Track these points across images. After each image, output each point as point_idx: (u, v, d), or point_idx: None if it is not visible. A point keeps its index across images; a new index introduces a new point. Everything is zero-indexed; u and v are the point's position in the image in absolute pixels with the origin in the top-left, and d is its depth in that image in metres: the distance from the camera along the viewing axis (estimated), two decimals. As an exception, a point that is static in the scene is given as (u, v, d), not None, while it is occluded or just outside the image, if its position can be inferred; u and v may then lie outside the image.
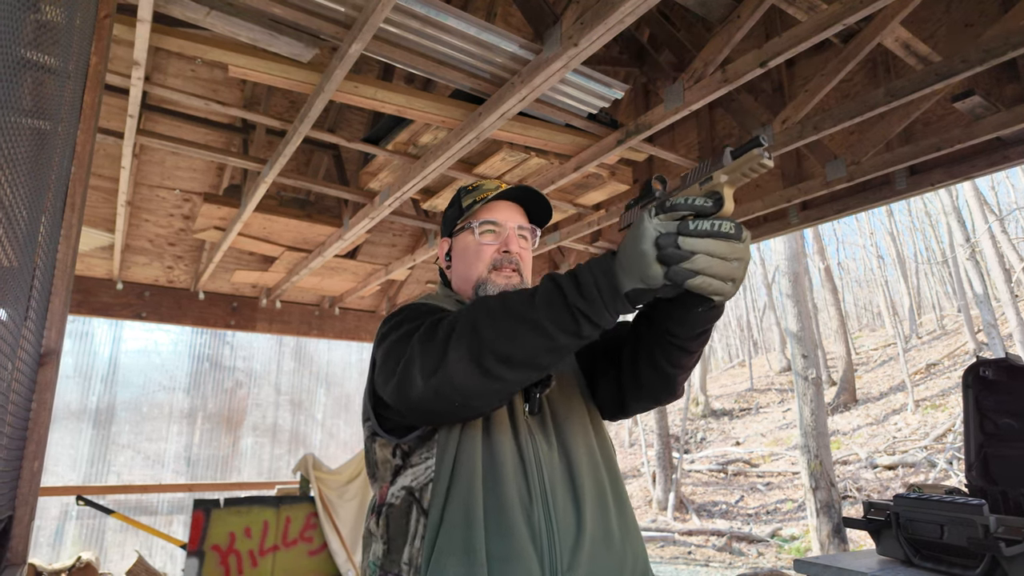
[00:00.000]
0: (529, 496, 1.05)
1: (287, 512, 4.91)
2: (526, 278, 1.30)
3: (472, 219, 1.30)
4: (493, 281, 1.26)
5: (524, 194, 1.32)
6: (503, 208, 1.31)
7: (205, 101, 3.08)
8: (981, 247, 16.29)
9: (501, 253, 1.27)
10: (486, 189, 1.32)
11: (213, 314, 5.99)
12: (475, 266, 1.27)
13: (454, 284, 1.34)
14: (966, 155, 3.02)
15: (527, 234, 1.34)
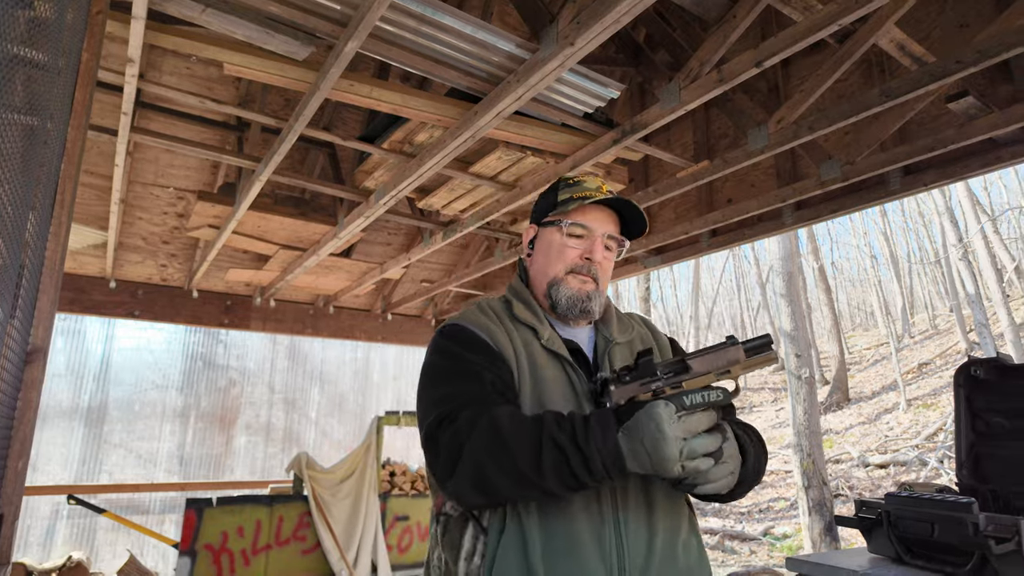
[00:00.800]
0: (600, 515, 1.04)
1: (280, 511, 4.90)
2: (602, 288, 1.28)
3: (564, 216, 1.26)
4: (568, 284, 1.24)
5: (622, 205, 1.28)
6: (597, 213, 1.27)
7: (200, 99, 3.07)
8: (974, 247, 16.39)
9: (583, 259, 1.24)
10: (587, 188, 1.27)
11: (207, 312, 5.97)
12: (554, 265, 1.25)
13: (531, 273, 1.32)
14: (959, 156, 3.03)
15: (613, 244, 1.30)
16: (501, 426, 0.96)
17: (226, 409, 7.02)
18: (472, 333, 1.18)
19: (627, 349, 1.27)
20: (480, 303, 1.29)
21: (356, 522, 5.08)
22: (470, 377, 1.09)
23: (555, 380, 1.14)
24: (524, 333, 1.21)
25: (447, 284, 5.88)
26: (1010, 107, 2.66)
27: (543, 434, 0.93)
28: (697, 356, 0.91)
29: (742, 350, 0.91)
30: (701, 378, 0.90)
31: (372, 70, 3.94)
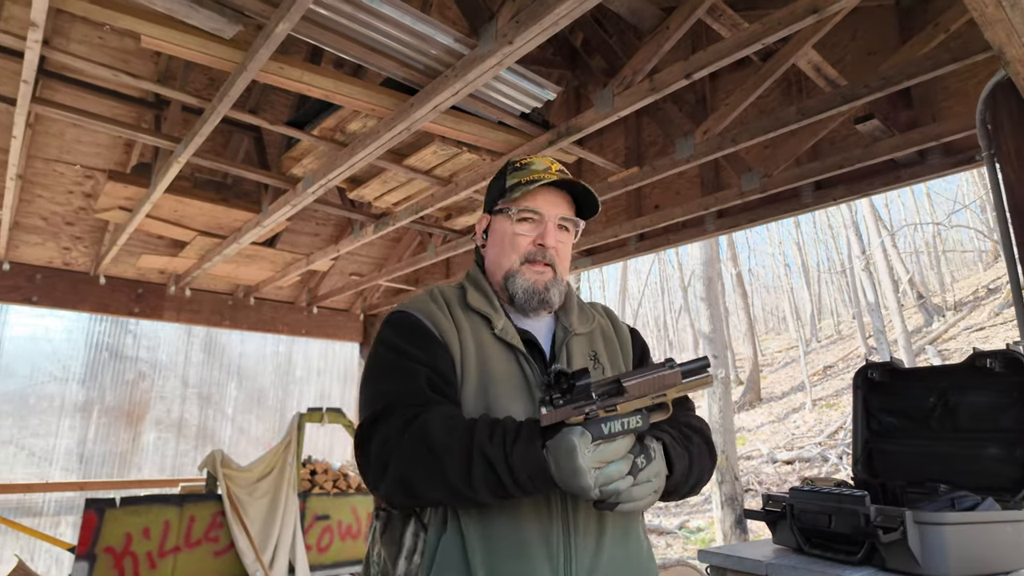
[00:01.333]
0: (548, 514, 1.02)
1: (191, 511, 4.65)
2: (561, 273, 1.22)
3: (512, 204, 1.20)
4: (524, 275, 1.19)
5: (572, 185, 1.22)
6: (548, 195, 1.21)
7: (113, 72, 2.87)
8: (874, 259, 17.71)
9: (536, 246, 1.19)
10: (534, 170, 1.22)
11: (115, 300, 5.59)
12: (507, 256, 1.20)
13: (487, 266, 1.26)
14: (865, 174, 3.27)
15: (569, 226, 1.24)
16: (430, 434, 0.94)
17: (134, 403, 6.61)
18: (416, 321, 1.13)
19: (586, 341, 1.23)
20: (433, 289, 1.24)
21: (273, 522, 4.91)
22: (407, 373, 1.06)
23: (506, 372, 1.10)
24: (476, 322, 1.16)
25: (377, 278, 5.77)
26: (909, 132, 2.88)
27: (473, 446, 0.91)
28: (634, 378, 0.90)
29: (680, 374, 0.91)
30: (635, 401, 0.90)
31: (304, 54, 3.81)
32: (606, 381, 0.90)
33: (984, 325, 15.68)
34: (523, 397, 1.08)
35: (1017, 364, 1.83)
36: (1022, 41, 1.58)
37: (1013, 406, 1.84)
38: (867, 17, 3.23)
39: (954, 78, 2.91)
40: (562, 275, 1.22)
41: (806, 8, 2.12)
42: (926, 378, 2.13)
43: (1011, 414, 1.85)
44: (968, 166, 2.93)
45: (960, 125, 2.65)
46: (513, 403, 1.07)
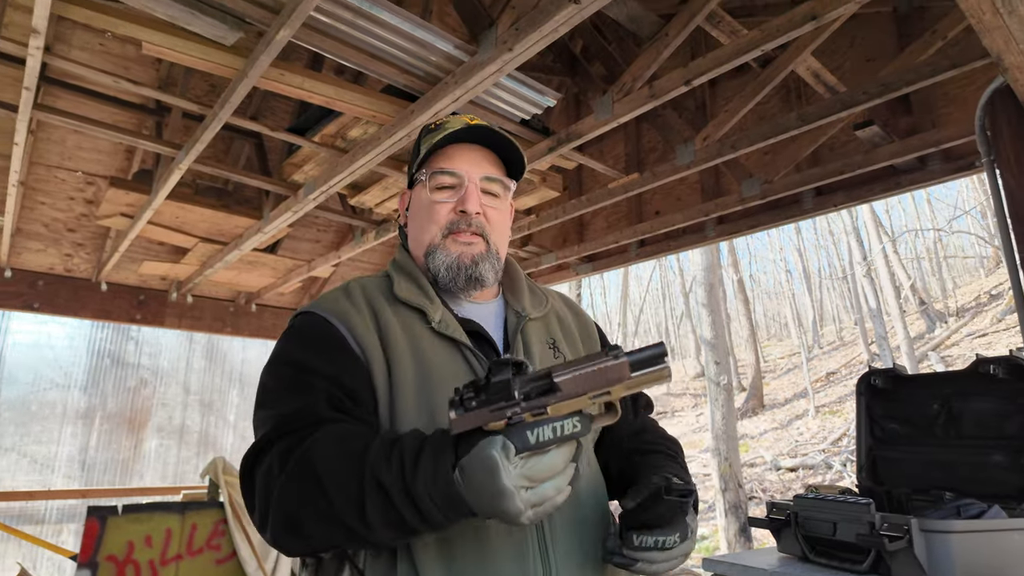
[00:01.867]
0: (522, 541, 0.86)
1: (193, 519, 4.64)
2: (496, 246, 1.04)
3: (426, 168, 1.03)
4: (447, 249, 1.00)
5: (491, 136, 1.03)
6: (465, 153, 1.03)
7: (115, 78, 2.88)
8: (876, 265, 17.69)
9: (458, 213, 1.01)
10: (450, 128, 1.02)
11: (117, 307, 5.59)
12: (427, 228, 1.02)
13: (409, 244, 1.09)
14: (865, 180, 3.26)
15: (497, 189, 1.05)
16: (317, 461, 0.75)
17: (136, 410, 6.60)
18: (319, 324, 0.94)
19: (542, 326, 1.07)
20: (349, 283, 1.04)
21: (274, 529, 4.89)
22: (302, 390, 0.87)
23: (449, 372, 0.92)
24: (407, 317, 0.97)
25: (378, 285, 5.77)
26: (908, 138, 2.88)
27: (365, 471, 0.72)
28: (569, 371, 0.69)
29: (627, 365, 0.70)
30: (573, 401, 0.69)
31: (305, 60, 3.82)
32: (533, 376, 0.70)
33: (987, 331, 15.63)
34: None
35: (1020, 370, 1.82)
36: (1020, 48, 1.58)
37: (1017, 413, 1.83)
38: (865, 24, 3.24)
39: (953, 84, 2.91)
40: (497, 247, 1.04)
41: (804, 15, 2.12)
42: (929, 385, 2.12)
43: (1016, 421, 1.84)
44: (968, 172, 2.92)
45: (960, 131, 2.64)
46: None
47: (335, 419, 0.83)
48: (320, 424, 0.82)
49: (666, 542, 0.84)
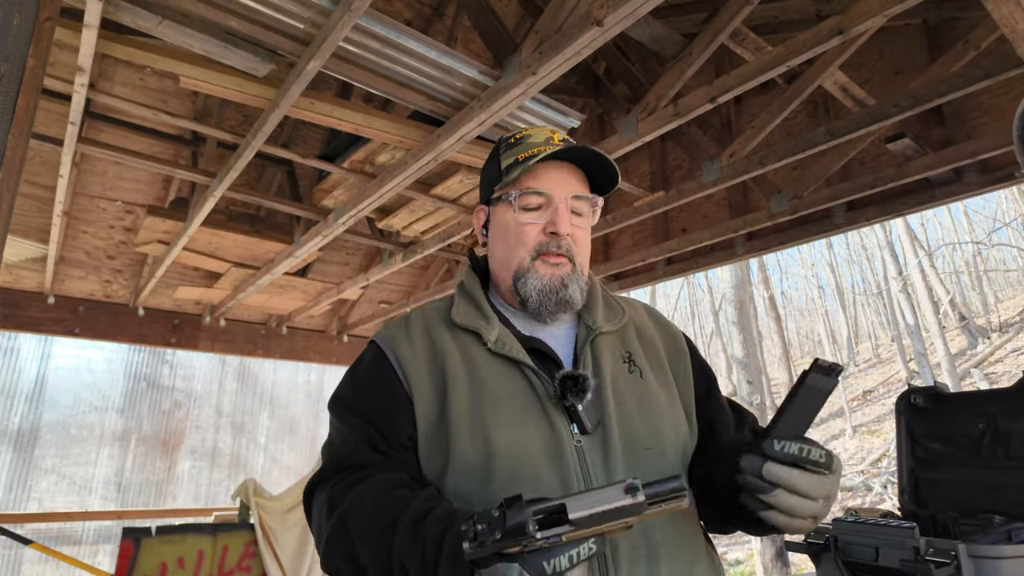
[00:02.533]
0: None
1: (224, 540, 4.68)
2: (581, 266, 1.00)
3: (512, 187, 0.99)
4: (537, 272, 0.97)
5: (582, 153, 0.99)
6: (553, 171, 0.98)
7: (153, 111, 2.99)
8: (912, 280, 17.23)
9: (548, 235, 0.97)
10: (533, 144, 0.99)
11: (153, 331, 5.74)
12: (515, 251, 0.99)
13: (493, 267, 1.06)
14: (898, 193, 3.20)
15: (584, 207, 1.01)
16: (351, 530, 0.82)
17: (170, 433, 6.73)
18: (375, 356, 0.99)
19: (617, 339, 1.01)
20: (412, 312, 1.05)
21: (305, 552, 4.90)
22: (347, 426, 0.95)
23: (507, 392, 0.91)
24: (465, 340, 0.97)
25: (407, 306, 5.82)
26: (942, 150, 2.82)
27: (393, 551, 0.77)
28: (584, 506, 0.70)
29: (644, 504, 0.69)
30: (585, 531, 0.70)
31: (334, 89, 3.92)
32: (545, 508, 0.70)
33: (1033, 347, 15.05)
34: (533, 419, 0.89)
35: (1070, 388, 1.75)
36: (1058, 55, 1.54)
37: (1068, 432, 1.76)
38: (894, 37, 3.20)
39: (987, 95, 2.85)
40: (583, 267, 1.01)
41: (831, 30, 2.11)
42: (973, 403, 2.04)
43: (1067, 441, 1.76)
44: (1007, 183, 2.85)
45: (996, 142, 2.58)
46: (519, 428, 0.88)
47: (372, 462, 0.90)
48: (360, 468, 0.90)
49: (811, 452, 0.73)
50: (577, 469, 0.86)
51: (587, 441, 0.88)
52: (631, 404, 0.93)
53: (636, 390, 0.95)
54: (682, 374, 1.03)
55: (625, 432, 0.90)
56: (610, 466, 0.86)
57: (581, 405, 0.88)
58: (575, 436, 0.88)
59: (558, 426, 0.88)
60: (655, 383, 0.98)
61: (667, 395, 0.97)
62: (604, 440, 0.88)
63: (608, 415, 0.90)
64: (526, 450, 0.86)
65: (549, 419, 0.89)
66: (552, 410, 0.89)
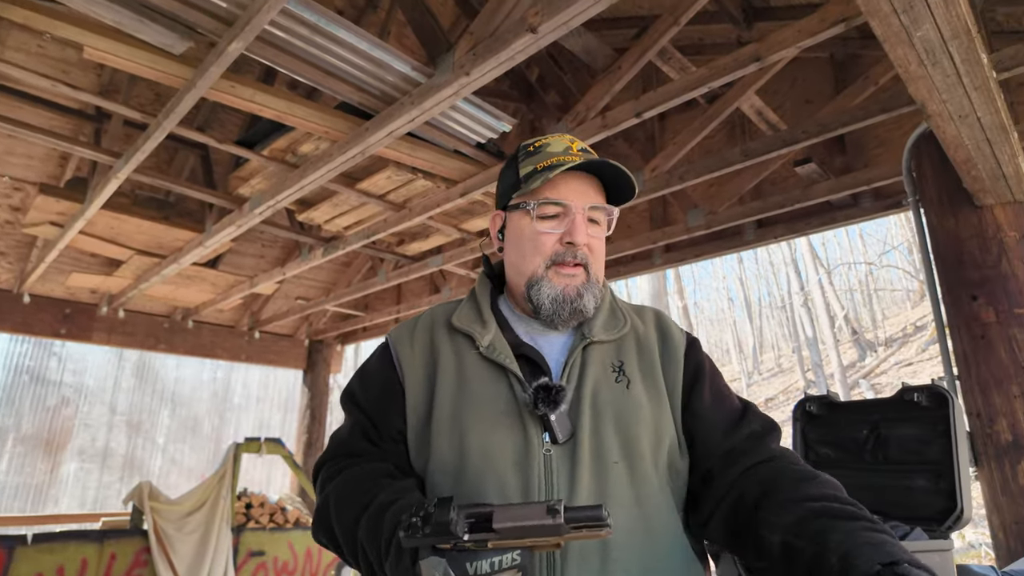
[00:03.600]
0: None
1: (112, 548, 4.35)
2: (595, 274, 1.01)
3: (530, 196, 1.00)
4: (551, 281, 0.98)
5: (602, 167, 1.00)
6: (573, 182, 1.00)
7: (52, 82, 2.75)
8: (812, 296, 18.52)
9: (564, 244, 0.98)
10: (552, 153, 1.01)
11: (40, 321, 5.26)
12: (530, 259, 1.00)
13: (506, 272, 1.08)
14: (803, 214, 3.43)
15: (600, 217, 1.02)
16: (330, 506, 0.93)
17: (55, 431, 6.19)
18: (383, 351, 1.06)
19: (611, 349, 1.01)
20: (426, 312, 1.10)
21: (203, 558, 4.63)
22: (349, 415, 1.05)
23: (488, 397, 0.93)
24: (460, 343, 1.00)
25: (325, 303, 5.64)
26: (843, 176, 3.05)
27: (358, 535, 0.87)
28: (508, 518, 0.72)
29: (564, 524, 0.71)
30: (511, 543, 0.73)
31: (257, 73, 3.76)
32: (478, 512, 0.74)
33: (912, 360, 16.53)
34: (508, 424, 0.90)
35: (941, 398, 1.92)
36: (942, 97, 1.70)
37: (938, 439, 1.93)
38: (805, 67, 3.43)
39: (883, 128, 3.11)
40: (597, 276, 1.02)
41: (750, 56, 2.23)
42: (859, 411, 2.21)
43: (936, 446, 1.93)
44: (896, 210, 3.11)
45: (889, 172, 2.82)
46: (492, 432, 0.90)
47: (364, 451, 0.99)
48: (353, 456, 0.99)
49: None
50: (541, 478, 0.87)
51: (556, 451, 0.89)
52: (608, 416, 0.93)
53: (618, 401, 0.94)
54: (672, 385, 1.01)
55: (596, 444, 0.90)
56: (575, 477, 0.87)
57: (554, 415, 0.89)
58: (546, 445, 0.89)
59: (531, 434, 0.90)
60: (643, 394, 0.97)
61: (655, 407, 0.96)
62: (573, 451, 0.89)
63: (581, 426, 0.91)
64: (496, 455, 0.89)
65: (524, 427, 0.90)
66: (528, 418, 0.91)
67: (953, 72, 1.59)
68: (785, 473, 0.89)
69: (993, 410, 2.15)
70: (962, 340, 2.25)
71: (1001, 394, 2.13)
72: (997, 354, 2.16)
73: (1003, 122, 1.82)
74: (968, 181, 2.16)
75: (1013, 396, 2.11)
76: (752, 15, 3.24)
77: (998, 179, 2.11)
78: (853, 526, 0.75)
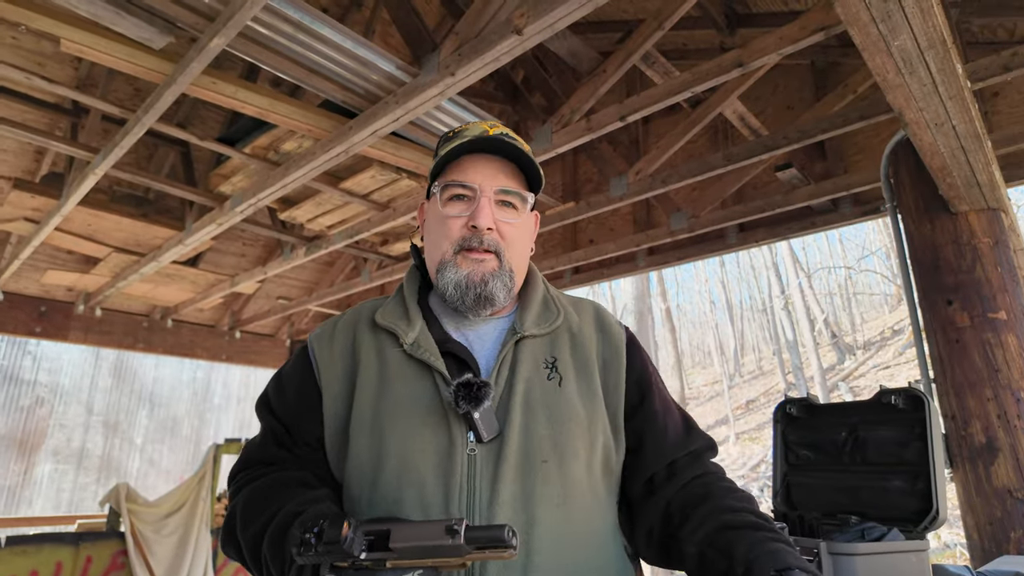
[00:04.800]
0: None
1: (88, 551, 4.27)
2: (509, 261, 0.96)
3: (440, 180, 0.98)
4: (457, 266, 0.94)
5: (501, 147, 0.96)
6: (480, 164, 0.96)
7: (27, 75, 2.70)
8: (792, 299, 18.74)
9: (469, 228, 0.94)
10: (466, 137, 0.97)
11: (14, 318, 5.15)
12: (439, 244, 0.96)
13: (426, 260, 1.04)
14: (784, 218, 3.47)
15: (514, 201, 0.97)
16: (236, 516, 0.90)
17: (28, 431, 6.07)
18: (300, 354, 1.01)
19: (544, 344, 0.97)
20: (350, 309, 1.05)
21: (182, 561, 4.57)
22: (263, 422, 1.00)
23: (410, 396, 0.89)
24: (383, 340, 0.95)
25: (307, 303, 5.59)
26: (823, 182, 3.09)
27: (263, 546, 0.83)
28: (405, 538, 0.70)
29: (464, 545, 0.67)
30: (411, 563, 0.70)
31: (240, 70, 3.71)
32: (376, 530, 0.70)
33: (890, 364, 16.81)
34: (431, 423, 0.86)
35: (918, 401, 1.95)
36: (919, 105, 1.73)
37: (915, 441, 1.97)
38: (787, 74, 3.47)
39: (862, 135, 3.16)
40: (512, 263, 0.97)
41: (732, 61, 2.25)
42: (838, 413, 2.24)
43: (913, 448, 1.97)
44: (874, 216, 3.16)
45: (867, 178, 2.86)
46: (413, 433, 0.86)
47: (278, 458, 0.95)
48: (267, 464, 0.95)
49: None
50: (463, 479, 0.83)
51: (481, 450, 0.85)
52: (540, 413, 0.89)
53: (550, 399, 0.91)
54: (613, 383, 0.97)
55: (524, 443, 0.86)
56: (499, 476, 0.84)
57: (477, 413, 0.84)
58: (470, 445, 0.85)
59: (454, 434, 0.85)
60: (575, 392, 0.93)
61: (588, 406, 0.93)
62: (499, 450, 0.85)
63: (510, 424, 0.87)
64: (416, 456, 0.85)
65: (448, 427, 0.86)
66: (453, 419, 0.86)
67: (929, 81, 1.62)
68: (709, 490, 0.91)
69: (967, 412, 2.19)
70: (938, 344, 2.29)
71: (975, 397, 2.17)
72: (971, 358, 2.20)
73: (977, 131, 1.85)
74: (944, 188, 2.20)
75: (986, 399, 2.15)
76: (735, 21, 3.28)
77: (972, 186, 2.15)
78: (757, 536, 0.80)
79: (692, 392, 24.80)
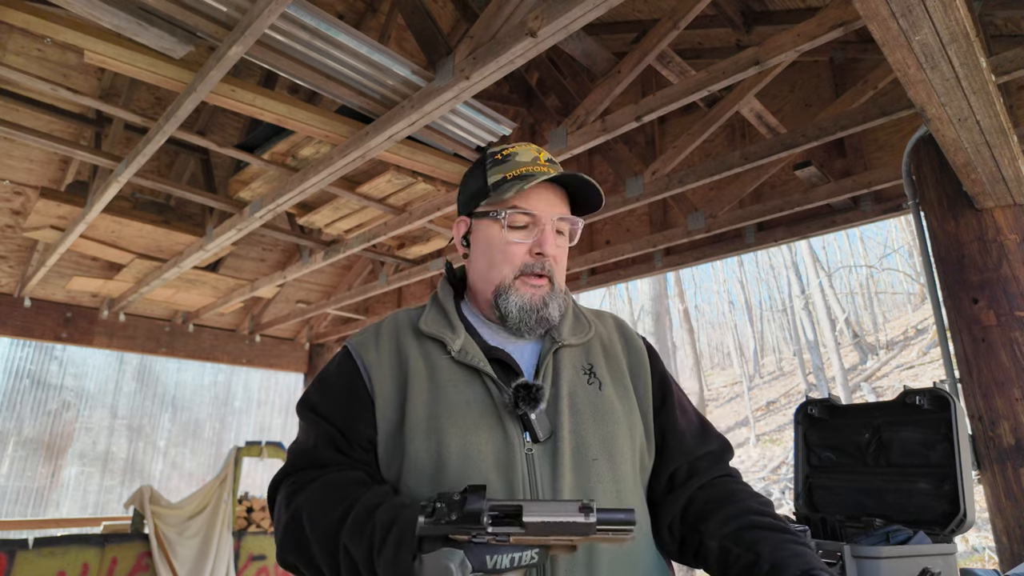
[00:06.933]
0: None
1: (113, 552, 4.35)
2: (559, 284, 1.04)
3: (500, 205, 1.01)
4: (518, 291, 1.00)
5: (572, 180, 1.02)
6: (543, 193, 1.01)
7: (52, 86, 2.76)
8: (813, 299, 18.50)
9: (534, 256, 1.00)
10: (521, 163, 1.02)
11: (41, 324, 5.26)
12: (499, 268, 1.01)
13: (470, 278, 1.08)
14: (803, 217, 3.43)
15: (565, 227, 1.05)
16: (305, 520, 0.87)
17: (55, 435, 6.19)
18: (344, 359, 1.02)
19: (581, 352, 1.04)
20: (387, 318, 1.09)
21: (205, 562, 4.63)
22: (312, 427, 0.99)
23: (465, 399, 0.93)
24: (430, 348, 1.00)
25: (325, 307, 5.64)
26: (842, 179, 3.05)
27: (342, 537, 0.82)
28: (539, 513, 0.73)
29: (595, 525, 0.72)
30: (533, 539, 0.73)
31: (258, 77, 3.77)
32: (503, 506, 0.74)
33: (914, 364, 16.50)
34: (487, 426, 0.91)
35: (943, 401, 1.92)
36: (941, 101, 1.70)
37: (940, 442, 1.93)
38: (804, 71, 3.43)
39: (883, 131, 3.11)
40: (560, 285, 1.05)
41: (749, 59, 2.23)
42: (861, 414, 2.21)
43: (939, 450, 1.93)
44: (896, 213, 3.11)
45: (889, 175, 2.82)
46: (472, 434, 0.90)
47: (332, 460, 0.95)
48: (320, 467, 0.95)
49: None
50: (525, 477, 0.88)
51: (538, 450, 0.90)
52: (586, 415, 0.95)
53: (593, 401, 0.97)
54: (642, 386, 1.05)
55: (576, 442, 0.92)
56: (557, 475, 0.89)
57: (534, 414, 0.89)
58: (527, 444, 0.90)
59: (511, 434, 0.90)
60: (614, 395, 1.00)
61: (625, 407, 1.00)
62: (554, 449, 0.90)
63: (561, 425, 0.92)
64: (477, 456, 0.89)
65: (503, 427, 0.91)
66: (507, 418, 0.91)
67: (952, 76, 1.59)
68: (732, 490, 0.98)
69: (995, 413, 2.14)
70: (963, 343, 2.25)
71: (1003, 397, 2.13)
72: (998, 357, 2.15)
73: (1003, 125, 1.82)
74: (968, 184, 2.16)
75: (1015, 399, 2.10)
76: (751, 19, 3.25)
77: (998, 182, 2.11)
78: (780, 538, 0.86)
79: (711, 394, 24.57)
